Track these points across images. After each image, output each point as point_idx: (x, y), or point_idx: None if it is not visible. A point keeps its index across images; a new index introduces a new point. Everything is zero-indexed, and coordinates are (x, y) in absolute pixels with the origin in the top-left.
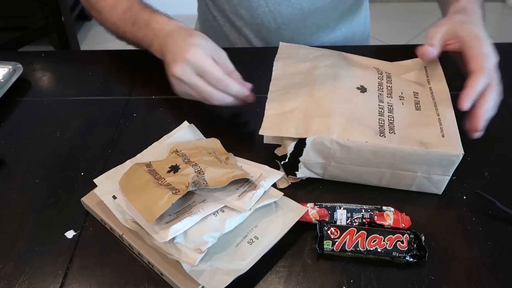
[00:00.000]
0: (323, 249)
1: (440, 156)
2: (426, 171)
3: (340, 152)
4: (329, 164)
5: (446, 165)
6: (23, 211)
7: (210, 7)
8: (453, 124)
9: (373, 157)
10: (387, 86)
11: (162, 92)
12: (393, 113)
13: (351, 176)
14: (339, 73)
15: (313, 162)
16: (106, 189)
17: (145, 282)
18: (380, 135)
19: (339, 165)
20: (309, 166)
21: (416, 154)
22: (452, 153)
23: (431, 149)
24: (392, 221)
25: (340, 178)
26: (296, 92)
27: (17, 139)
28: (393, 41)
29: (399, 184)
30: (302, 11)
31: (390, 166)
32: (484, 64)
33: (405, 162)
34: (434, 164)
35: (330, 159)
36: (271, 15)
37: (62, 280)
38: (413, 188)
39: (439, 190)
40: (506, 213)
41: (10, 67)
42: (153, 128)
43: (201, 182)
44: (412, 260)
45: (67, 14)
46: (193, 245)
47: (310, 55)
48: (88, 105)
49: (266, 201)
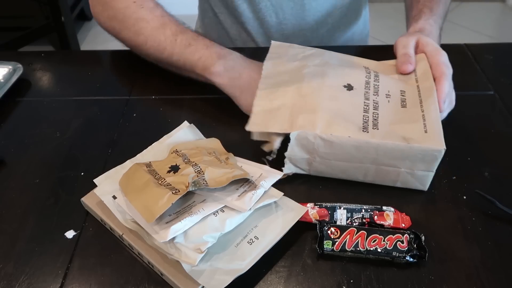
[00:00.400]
0: (323, 249)
1: (422, 151)
2: (409, 167)
3: (324, 147)
4: (314, 160)
5: (429, 161)
6: (23, 211)
7: (211, 4)
8: (437, 120)
9: (356, 152)
10: (374, 84)
11: (162, 92)
12: (378, 110)
13: (336, 171)
14: (327, 72)
15: (298, 157)
16: (106, 189)
17: (145, 282)
18: (363, 131)
19: (324, 160)
20: (295, 162)
21: (398, 149)
22: (434, 148)
23: (413, 144)
24: (392, 221)
25: (326, 173)
26: (284, 90)
27: (17, 139)
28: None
29: (384, 180)
30: (303, 7)
31: (374, 162)
32: (446, 71)
33: (388, 157)
34: (417, 160)
35: (314, 154)
36: (273, 9)
37: (62, 280)
38: (398, 184)
39: (424, 186)
40: (506, 213)
41: (10, 67)
42: (153, 128)
43: (201, 182)
44: (412, 260)
45: (67, 14)
46: (193, 245)
47: (300, 54)
48: (88, 105)
49: (266, 201)
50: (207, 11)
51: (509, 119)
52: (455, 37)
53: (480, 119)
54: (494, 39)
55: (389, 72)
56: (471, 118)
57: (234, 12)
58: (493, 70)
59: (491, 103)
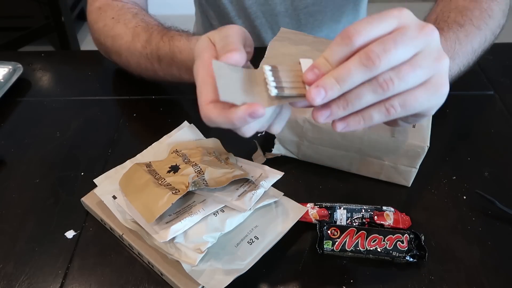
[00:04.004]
0: (323, 249)
1: (405, 146)
2: (393, 160)
3: (312, 132)
4: (302, 143)
5: (412, 156)
6: (23, 211)
7: (208, 16)
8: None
9: (342, 139)
10: None
11: (162, 92)
12: None
13: (323, 157)
14: None
15: (288, 139)
16: (106, 189)
17: (145, 282)
18: None
19: (311, 145)
20: (284, 143)
21: (383, 141)
22: (417, 145)
23: (397, 138)
24: (392, 221)
25: (313, 159)
26: None
27: (17, 139)
28: None
29: (368, 172)
30: (299, 22)
31: (359, 151)
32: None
33: (372, 149)
34: (400, 154)
35: (303, 138)
36: (269, 26)
37: (62, 280)
38: (382, 177)
39: (407, 182)
40: (506, 213)
41: (10, 67)
42: (153, 128)
43: (201, 182)
44: (412, 260)
45: (67, 14)
46: (193, 245)
47: (308, 40)
48: (88, 105)
49: (266, 201)
50: (204, 22)
51: (509, 119)
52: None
53: (480, 119)
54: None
55: None
56: (471, 118)
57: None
58: (493, 70)
59: (491, 103)
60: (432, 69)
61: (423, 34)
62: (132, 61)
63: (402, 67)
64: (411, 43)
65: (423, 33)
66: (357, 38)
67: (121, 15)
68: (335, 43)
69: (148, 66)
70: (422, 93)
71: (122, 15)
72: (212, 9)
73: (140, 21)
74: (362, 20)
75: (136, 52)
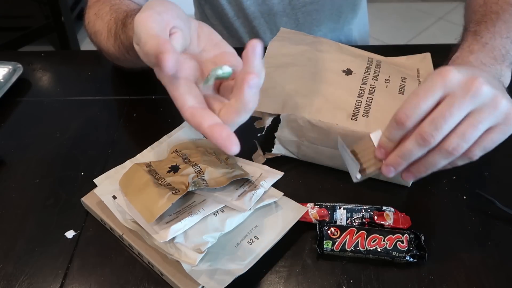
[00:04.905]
0: (323, 249)
1: None
2: None
3: (312, 132)
4: (302, 143)
5: None
6: (23, 211)
7: (207, 15)
8: None
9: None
10: (375, 70)
11: (162, 92)
12: (373, 95)
13: (323, 157)
14: (329, 57)
15: (288, 139)
16: (106, 189)
17: (145, 282)
18: (352, 118)
19: (311, 145)
20: (284, 143)
21: None
22: None
23: None
24: (392, 221)
25: (313, 159)
26: (283, 71)
27: (17, 139)
28: (393, 41)
29: None
30: (297, 21)
31: None
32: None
33: None
34: None
35: (303, 138)
36: (267, 26)
37: (62, 280)
38: (382, 177)
39: (407, 182)
40: (506, 213)
41: (10, 67)
42: (153, 128)
43: (201, 182)
44: (412, 260)
45: (67, 14)
46: (193, 245)
47: (307, 40)
48: (88, 105)
49: (266, 201)
50: (204, 21)
51: None
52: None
53: None
54: None
55: (394, 63)
56: None
57: (230, 28)
58: None
59: None
60: (494, 116)
61: (470, 96)
62: (113, 56)
63: (465, 130)
64: (460, 110)
65: (470, 95)
66: (408, 123)
67: (101, 10)
68: (391, 126)
69: (127, 57)
70: (495, 134)
71: (101, 10)
72: (211, 9)
73: (114, 12)
74: (410, 101)
75: (111, 47)
